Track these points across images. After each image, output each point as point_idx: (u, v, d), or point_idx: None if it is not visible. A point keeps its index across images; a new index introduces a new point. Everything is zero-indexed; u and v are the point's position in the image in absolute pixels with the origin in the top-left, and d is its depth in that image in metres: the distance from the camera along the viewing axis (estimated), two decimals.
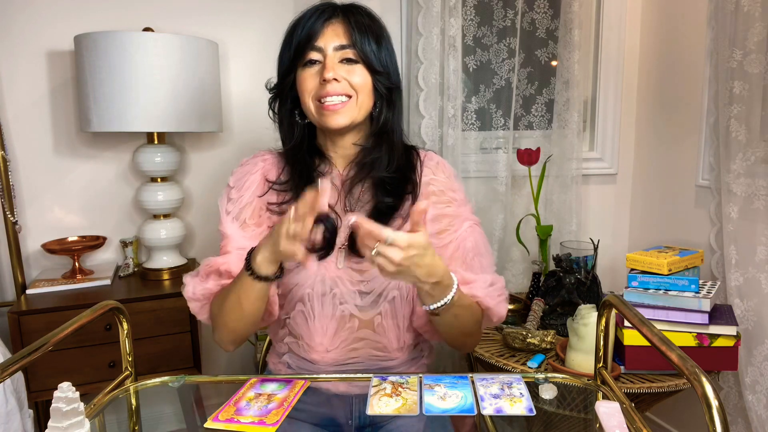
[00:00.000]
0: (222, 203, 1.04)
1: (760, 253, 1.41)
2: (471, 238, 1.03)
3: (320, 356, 1.02)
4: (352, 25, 0.97)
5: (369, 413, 0.79)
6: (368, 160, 1.01)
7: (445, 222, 1.03)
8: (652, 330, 0.71)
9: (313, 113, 0.99)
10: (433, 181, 1.04)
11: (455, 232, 1.02)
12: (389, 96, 1.03)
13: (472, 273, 1.00)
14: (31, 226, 1.74)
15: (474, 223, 1.05)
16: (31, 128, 1.72)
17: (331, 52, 0.96)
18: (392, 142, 1.03)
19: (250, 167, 1.05)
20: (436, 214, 1.02)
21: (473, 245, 1.03)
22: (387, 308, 1.02)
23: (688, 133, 1.71)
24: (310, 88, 0.97)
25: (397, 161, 1.02)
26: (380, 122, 1.02)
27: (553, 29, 1.86)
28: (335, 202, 1.02)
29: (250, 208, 1.02)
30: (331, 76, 0.94)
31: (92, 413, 0.78)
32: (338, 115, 0.97)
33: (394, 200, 1.00)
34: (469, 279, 0.99)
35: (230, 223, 1.02)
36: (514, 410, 0.79)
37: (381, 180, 1.01)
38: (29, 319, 1.44)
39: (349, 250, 0.99)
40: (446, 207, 1.04)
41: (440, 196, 1.04)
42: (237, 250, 0.98)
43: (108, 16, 1.73)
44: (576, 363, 1.32)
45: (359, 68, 0.97)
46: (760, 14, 1.36)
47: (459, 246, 1.02)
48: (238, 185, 1.04)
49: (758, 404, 1.41)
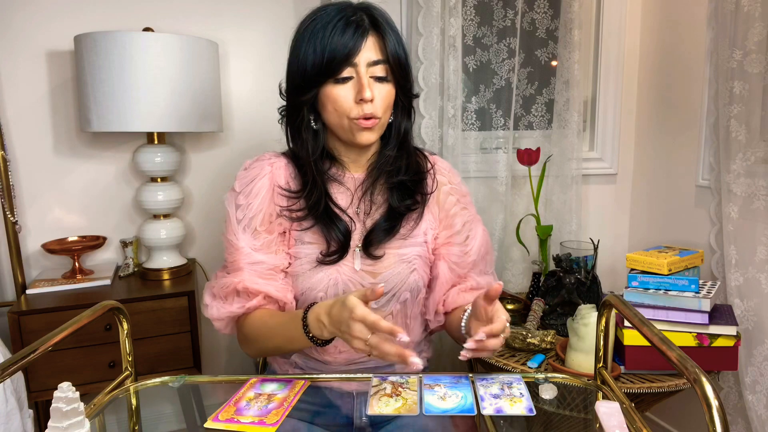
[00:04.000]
0: (230, 210, 1.00)
1: (760, 253, 1.41)
2: (485, 242, 1.12)
3: (333, 357, 1.03)
4: (384, 37, 0.94)
5: (369, 413, 0.79)
6: (392, 168, 1.02)
7: (467, 228, 1.09)
8: (652, 330, 0.71)
9: (344, 129, 0.96)
10: (452, 190, 1.09)
11: (475, 238, 1.10)
12: (408, 105, 1.04)
13: (484, 276, 1.11)
14: (31, 226, 1.74)
15: (483, 225, 1.14)
16: (31, 128, 1.72)
17: (364, 69, 0.93)
18: (409, 148, 1.06)
19: (257, 171, 1.01)
20: (460, 222, 1.09)
21: (488, 249, 1.13)
22: (398, 308, 1.03)
23: (688, 133, 1.71)
24: (346, 107, 0.94)
25: (413, 165, 1.05)
26: (401, 132, 1.04)
27: (553, 29, 1.86)
28: (349, 205, 1.03)
29: (261, 215, 0.99)
30: (369, 97, 0.92)
31: (92, 413, 0.78)
32: (371, 132, 0.96)
33: (412, 202, 1.03)
34: (482, 285, 1.09)
35: (241, 233, 0.98)
36: (514, 410, 0.79)
37: (398, 183, 1.03)
38: (29, 319, 1.44)
39: (363, 252, 1.00)
40: (466, 212, 1.10)
41: (459, 204, 1.09)
42: (248, 265, 0.97)
43: (108, 16, 1.73)
44: (576, 363, 1.32)
45: (388, 86, 0.96)
46: (760, 14, 1.36)
47: (479, 252, 1.10)
48: (245, 191, 1.00)
49: (758, 404, 1.41)
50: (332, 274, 0.99)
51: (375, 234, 1.00)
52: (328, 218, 0.99)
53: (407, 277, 1.02)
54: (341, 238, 0.98)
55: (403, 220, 1.02)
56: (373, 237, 0.99)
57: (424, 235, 1.05)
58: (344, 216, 1.00)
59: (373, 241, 0.99)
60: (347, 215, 1.01)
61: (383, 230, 1.00)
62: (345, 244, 0.99)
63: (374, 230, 1.00)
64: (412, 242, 1.03)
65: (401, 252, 1.02)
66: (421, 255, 1.04)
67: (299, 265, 1.00)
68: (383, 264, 1.01)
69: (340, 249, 0.99)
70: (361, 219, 1.03)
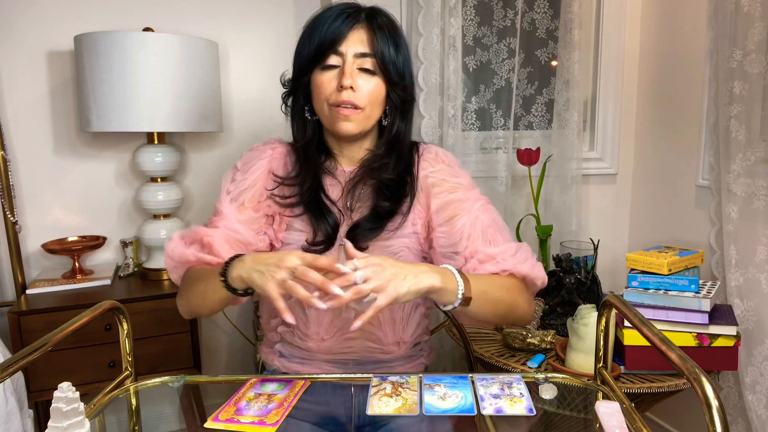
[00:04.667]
0: (225, 182, 1.06)
1: (760, 253, 1.41)
2: (486, 215, 1.02)
3: (316, 345, 1.03)
4: (376, 33, 0.97)
5: (369, 413, 0.79)
6: (377, 165, 1.03)
7: (453, 208, 1.02)
8: (652, 330, 0.71)
9: (326, 116, 1.00)
10: (431, 173, 1.05)
11: (468, 213, 1.01)
12: (403, 107, 1.03)
13: (496, 246, 0.98)
14: (31, 226, 1.74)
15: (486, 202, 1.04)
16: (31, 128, 1.72)
17: (351, 59, 0.96)
18: (401, 150, 1.05)
19: (259, 153, 1.06)
20: (441, 203, 1.02)
21: (491, 221, 1.02)
22: None
23: (688, 134, 1.71)
24: (327, 92, 0.97)
25: (402, 166, 1.04)
26: (392, 133, 1.04)
27: (553, 29, 1.86)
28: (339, 197, 1.04)
29: (251, 192, 1.03)
30: (348, 84, 0.94)
31: (92, 413, 0.78)
32: (350, 122, 0.98)
33: (391, 204, 1.02)
34: (493, 254, 0.97)
35: (228, 202, 1.03)
36: (514, 410, 0.79)
37: (382, 182, 1.03)
38: (29, 319, 1.44)
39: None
40: (450, 194, 1.03)
41: (441, 186, 1.04)
42: (225, 228, 1.00)
43: (108, 16, 1.73)
44: (576, 363, 1.32)
45: (375, 80, 0.98)
46: (760, 14, 1.36)
47: (475, 225, 1.00)
48: (244, 168, 1.05)
49: (758, 404, 1.41)
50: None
51: (360, 230, 1.00)
52: (318, 208, 1.01)
53: None
54: (329, 230, 1.00)
55: (387, 222, 1.01)
56: (358, 232, 1.00)
57: (413, 226, 1.04)
58: (334, 208, 1.02)
59: (357, 236, 1.00)
60: (337, 207, 1.03)
61: (368, 229, 1.00)
62: (332, 235, 1.01)
63: (359, 227, 1.01)
64: (399, 234, 1.03)
65: (387, 244, 1.02)
66: (409, 246, 1.03)
67: (287, 250, 1.01)
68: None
69: (327, 240, 1.00)
70: (349, 213, 1.04)
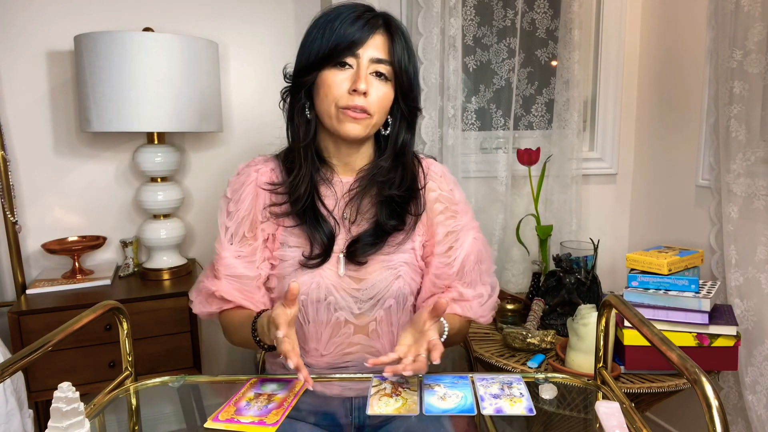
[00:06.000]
0: (221, 216, 1.03)
1: (760, 253, 1.41)
2: (475, 251, 1.06)
3: (315, 360, 1.03)
4: (394, 40, 0.95)
5: (369, 413, 0.79)
6: (384, 179, 1.01)
7: (451, 238, 1.05)
8: (652, 330, 0.71)
9: (331, 117, 0.96)
10: (441, 197, 1.05)
11: (461, 248, 1.04)
12: (410, 117, 1.02)
13: (471, 288, 1.05)
14: (31, 226, 1.74)
15: (476, 233, 1.07)
16: (31, 128, 1.72)
17: (366, 63, 0.94)
18: (406, 162, 1.03)
19: (245, 178, 1.03)
20: (444, 232, 1.04)
21: (477, 260, 1.06)
22: (382, 315, 1.02)
23: (688, 133, 1.71)
24: (337, 94, 0.94)
25: (408, 181, 1.03)
26: (398, 144, 1.02)
27: (553, 29, 1.86)
28: (333, 208, 1.02)
29: (248, 222, 1.01)
30: (363, 88, 0.92)
31: (92, 413, 0.78)
32: (357, 125, 0.95)
33: (398, 223, 1.01)
34: (467, 296, 1.04)
35: (227, 242, 1.01)
36: (514, 410, 0.79)
37: (388, 198, 1.01)
38: (29, 319, 1.44)
39: (347, 258, 1.00)
40: (451, 221, 1.05)
41: (445, 213, 1.05)
42: (227, 277, 1.00)
43: (108, 16, 1.73)
44: (576, 363, 1.32)
45: (387, 87, 0.96)
46: (760, 14, 1.36)
47: (464, 263, 1.04)
48: (235, 197, 1.02)
49: (758, 404, 1.41)
50: (315, 277, 0.98)
51: (359, 245, 0.99)
52: (314, 217, 0.99)
53: (391, 284, 1.00)
54: (325, 241, 0.99)
55: (389, 237, 1.01)
56: (357, 247, 0.99)
57: (412, 242, 1.03)
58: (330, 218, 1.00)
59: (357, 251, 0.99)
60: (333, 217, 1.01)
61: (368, 244, 0.99)
62: (328, 247, 0.99)
63: (359, 241, 0.99)
64: (400, 249, 1.02)
65: (387, 258, 1.01)
66: (408, 262, 1.02)
67: (283, 267, 1.00)
68: (367, 270, 1.00)
69: (323, 253, 0.99)
70: (347, 225, 1.02)
